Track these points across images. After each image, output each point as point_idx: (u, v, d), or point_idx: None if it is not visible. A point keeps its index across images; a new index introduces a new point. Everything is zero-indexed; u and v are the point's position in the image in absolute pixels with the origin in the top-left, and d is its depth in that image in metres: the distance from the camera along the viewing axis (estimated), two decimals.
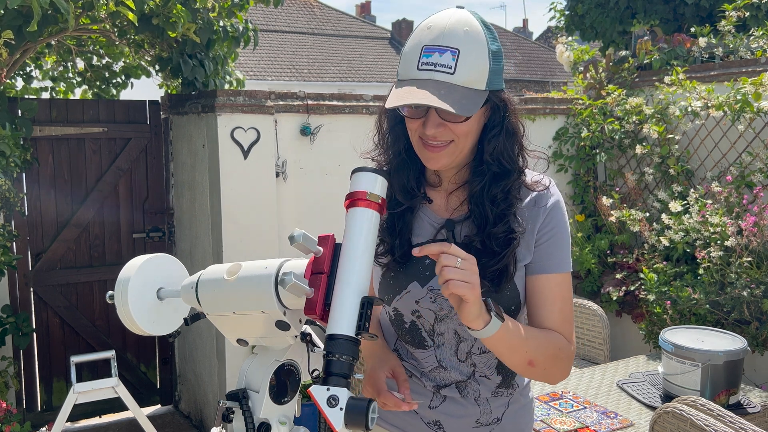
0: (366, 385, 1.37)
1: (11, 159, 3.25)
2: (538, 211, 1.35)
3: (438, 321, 1.39)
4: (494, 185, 1.33)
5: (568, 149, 4.69)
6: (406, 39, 1.32)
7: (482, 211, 1.33)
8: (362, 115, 4.01)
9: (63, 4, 2.75)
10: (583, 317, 3.70)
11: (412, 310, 1.40)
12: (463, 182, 1.38)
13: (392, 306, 1.42)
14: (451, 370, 1.41)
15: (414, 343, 1.43)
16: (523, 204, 1.35)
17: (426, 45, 1.23)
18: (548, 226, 1.35)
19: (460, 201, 1.39)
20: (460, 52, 1.21)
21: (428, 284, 1.37)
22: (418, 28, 1.28)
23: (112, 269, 4.00)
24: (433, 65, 1.22)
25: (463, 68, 1.21)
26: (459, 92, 1.21)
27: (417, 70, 1.23)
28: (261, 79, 16.52)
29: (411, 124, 1.30)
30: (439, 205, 1.41)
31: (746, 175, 3.71)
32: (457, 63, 1.21)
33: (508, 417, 1.45)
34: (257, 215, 3.71)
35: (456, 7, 1.29)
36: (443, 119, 1.25)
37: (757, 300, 3.27)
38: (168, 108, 4.17)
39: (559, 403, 2.69)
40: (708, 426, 1.97)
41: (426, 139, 1.27)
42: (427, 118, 1.26)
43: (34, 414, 3.93)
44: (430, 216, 1.40)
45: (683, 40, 4.46)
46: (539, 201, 1.36)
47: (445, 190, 1.40)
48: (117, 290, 1.26)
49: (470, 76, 1.22)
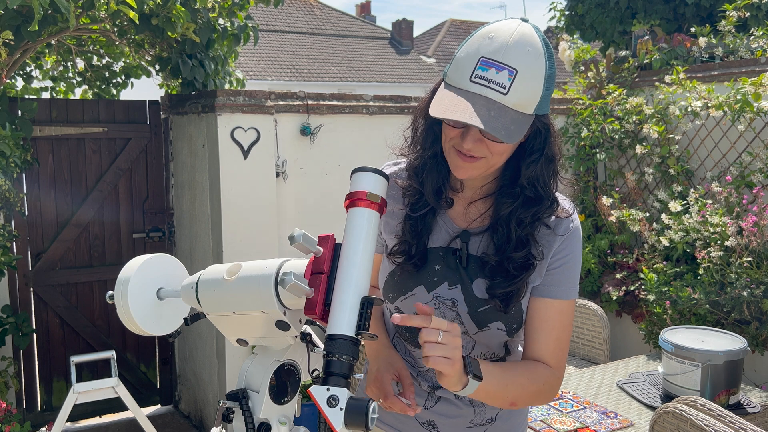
0: (371, 386, 1.36)
1: (11, 159, 3.25)
2: (554, 238, 1.32)
3: None
4: (523, 210, 1.29)
5: (568, 149, 4.69)
6: (406, 38, 1.31)
7: (506, 233, 1.30)
8: (362, 115, 4.01)
9: (63, 3, 2.75)
10: (583, 317, 3.70)
11: (413, 312, 1.40)
12: (487, 194, 1.36)
13: (395, 305, 1.42)
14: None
15: (412, 341, 1.43)
16: (545, 223, 1.33)
17: (484, 57, 1.16)
18: (562, 252, 1.33)
19: (479, 213, 1.36)
20: (518, 73, 1.15)
21: (435, 291, 1.36)
22: (477, 34, 1.21)
23: (112, 269, 4.00)
24: (487, 81, 1.16)
25: (518, 90, 1.16)
26: (508, 115, 1.16)
27: (469, 81, 1.17)
28: (261, 79, 16.52)
29: (448, 132, 1.25)
30: (458, 213, 1.38)
31: (746, 175, 3.71)
32: (512, 84, 1.15)
33: (501, 417, 1.46)
34: (257, 215, 3.71)
35: (521, 19, 1.22)
36: (484, 136, 1.20)
37: (757, 300, 3.27)
38: (168, 108, 4.17)
39: (559, 403, 2.69)
40: (708, 426, 1.97)
41: (459, 149, 1.24)
42: (466, 131, 1.21)
43: (34, 414, 3.93)
44: (448, 223, 1.38)
45: (683, 40, 4.46)
46: (558, 228, 1.33)
47: (467, 198, 1.37)
48: (117, 290, 1.26)
49: (522, 100, 1.17)
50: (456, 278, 1.34)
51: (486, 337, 1.36)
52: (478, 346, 1.39)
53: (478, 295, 1.33)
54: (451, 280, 1.35)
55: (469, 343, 1.38)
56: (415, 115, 1.37)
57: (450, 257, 1.35)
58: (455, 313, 1.35)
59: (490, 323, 1.34)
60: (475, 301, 1.33)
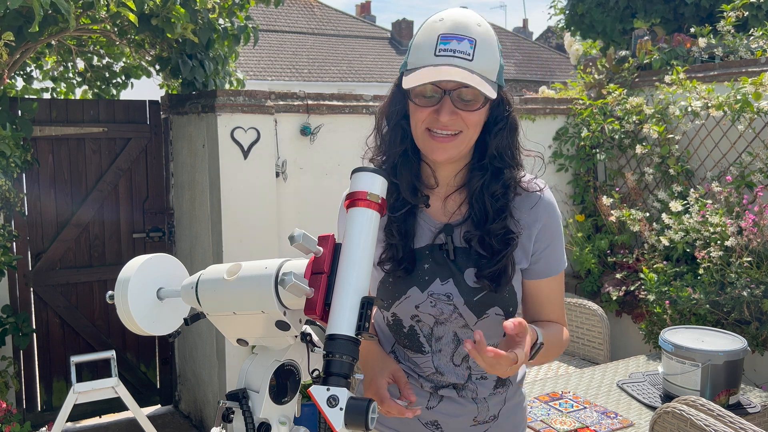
0: (367, 394, 1.35)
1: (11, 159, 3.25)
2: (533, 215, 1.38)
3: (437, 324, 1.39)
4: (494, 181, 1.35)
5: (568, 149, 4.69)
6: (406, 38, 1.33)
7: (482, 207, 1.35)
8: (362, 115, 4.01)
9: (63, 4, 2.75)
10: (583, 317, 3.70)
11: (411, 315, 1.40)
12: (461, 185, 1.39)
13: (391, 311, 1.41)
14: (449, 375, 1.42)
15: (412, 348, 1.43)
16: (519, 202, 1.38)
17: (442, 34, 1.24)
18: (545, 233, 1.39)
19: (457, 205, 1.40)
20: (477, 42, 1.24)
21: (428, 289, 1.37)
22: (427, 22, 1.30)
23: (112, 269, 4.00)
24: (452, 51, 1.23)
25: (480, 57, 1.24)
26: (478, 78, 1.23)
27: (434, 56, 1.24)
28: (261, 79, 16.51)
29: (420, 114, 1.29)
30: (437, 209, 1.41)
31: (746, 175, 3.71)
32: (474, 51, 1.23)
33: (504, 414, 1.47)
34: (257, 215, 3.71)
35: (460, 7, 1.32)
36: (457, 108, 1.26)
37: (757, 300, 3.27)
38: (168, 108, 4.17)
39: (559, 403, 2.69)
40: (708, 426, 1.97)
41: (435, 129, 1.28)
42: (441, 105, 1.26)
43: (34, 414, 3.93)
44: (429, 221, 1.40)
45: (683, 40, 4.46)
46: (534, 204, 1.38)
47: (442, 194, 1.41)
48: (117, 290, 1.26)
49: (486, 66, 1.25)
50: (446, 272, 1.37)
51: (486, 326, 1.37)
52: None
53: (471, 284, 1.35)
54: (442, 275, 1.37)
55: (470, 338, 1.38)
56: (379, 116, 1.40)
57: (437, 253, 1.38)
58: (452, 307, 1.36)
59: (488, 309, 1.36)
60: (469, 290, 1.35)
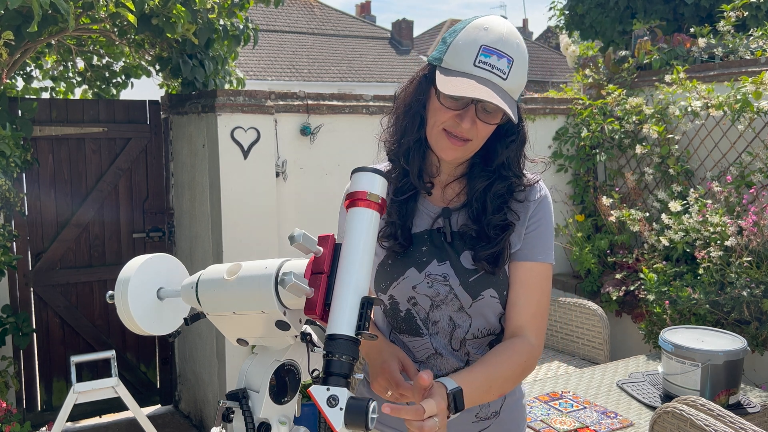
0: (378, 380, 1.37)
1: (11, 159, 3.25)
2: (528, 204, 1.43)
3: (434, 308, 1.41)
4: (497, 185, 1.40)
5: (568, 149, 4.69)
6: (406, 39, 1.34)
7: (481, 206, 1.40)
8: (362, 115, 4.01)
9: (63, 4, 2.75)
10: (583, 317, 3.70)
11: (408, 297, 1.42)
12: (461, 175, 1.45)
13: (388, 294, 1.44)
14: (448, 356, 1.43)
15: (409, 332, 1.45)
16: (516, 196, 1.43)
17: (485, 45, 1.28)
18: (536, 216, 1.42)
19: (455, 192, 1.45)
20: (514, 62, 1.29)
21: (425, 270, 1.41)
22: (470, 26, 1.32)
23: (112, 269, 4.00)
24: (491, 66, 1.27)
25: (513, 77, 1.29)
26: (509, 98, 1.29)
27: (473, 65, 1.28)
28: (261, 79, 16.51)
29: (443, 115, 1.32)
30: (436, 196, 1.47)
31: (746, 175, 3.71)
32: (510, 71, 1.28)
33: (505, 410, 1.48)
34: (257, 215, 3.71)
35: (501, 17, 1.35)
36: (478, 117, 1.30)
37: (757, 300, 3.27)
38: (168, 108, 4.17)
39: (559, 403, 2.69)
40: (708, 426, 1.97)
41: (452, 131, 1.32)
42: (465, 112, 1.30)
43: (34, 414, 3.93)
44: (428, 207, 1.46)
45: (683, 40, 4.46)
46: (529, 195, 1.44)
47: (442, 181, 1.46)
48: (117, 290, 1.26)
49: (515, 86, 1.30)
50: (444, 254, 1.41)
51: (481, 307, 1.40)
52: (475, 321, 1.41)
53: (467, 266, 1.39)
54: (440, 257, 1.41)
55: (466, 321, 1.41)
56: (399, 101, 1.43)
57: (435, 236, 1.43)
58: (448, 288, 1.40)
59: (483, 291, 1.39)
60: (465, 272, 1.39)
